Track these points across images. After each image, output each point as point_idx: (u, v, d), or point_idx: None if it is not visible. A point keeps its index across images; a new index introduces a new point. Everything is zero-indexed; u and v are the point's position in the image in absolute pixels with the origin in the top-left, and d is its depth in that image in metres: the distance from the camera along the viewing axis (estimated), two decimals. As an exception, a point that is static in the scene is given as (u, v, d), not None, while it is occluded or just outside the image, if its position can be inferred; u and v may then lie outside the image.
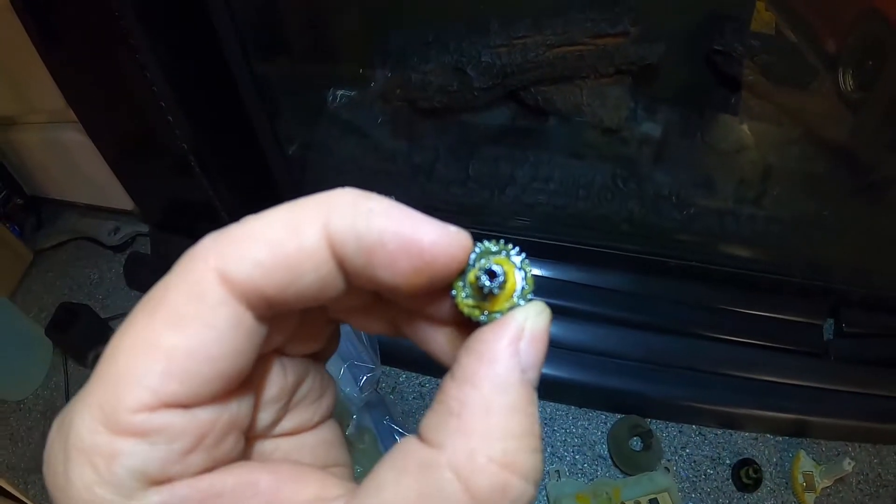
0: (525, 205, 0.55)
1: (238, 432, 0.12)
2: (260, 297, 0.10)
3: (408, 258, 0.10)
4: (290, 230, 0.10)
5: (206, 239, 0.11)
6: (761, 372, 0.55)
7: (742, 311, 0.58)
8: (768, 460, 0.54)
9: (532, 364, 0.11)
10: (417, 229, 0.10)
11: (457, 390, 0.10)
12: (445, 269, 0.11)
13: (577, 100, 0.52)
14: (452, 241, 0.11)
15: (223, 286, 0.10)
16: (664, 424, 0.54)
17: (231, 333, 0.10)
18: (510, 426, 0.10)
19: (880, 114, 0.59)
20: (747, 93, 0.57)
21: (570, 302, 0.54)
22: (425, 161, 0.55)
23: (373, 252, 0.10)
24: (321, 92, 0.59)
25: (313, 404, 0.14)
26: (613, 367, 0.51)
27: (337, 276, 0.11)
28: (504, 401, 0.10)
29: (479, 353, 0.11)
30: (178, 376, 0.10)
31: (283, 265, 0.10)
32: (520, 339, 0.11)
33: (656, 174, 0.56)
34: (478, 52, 0.49)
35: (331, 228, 0.10)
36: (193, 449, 0.10)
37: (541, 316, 0.11)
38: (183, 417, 0.10)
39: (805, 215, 0.61)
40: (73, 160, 0.67)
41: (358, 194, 0.11)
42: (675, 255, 0.55)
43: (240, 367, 0.11)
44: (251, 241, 0.10)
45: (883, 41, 0.54)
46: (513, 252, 0.12)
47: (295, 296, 0.11)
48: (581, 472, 0.51)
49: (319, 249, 0.10)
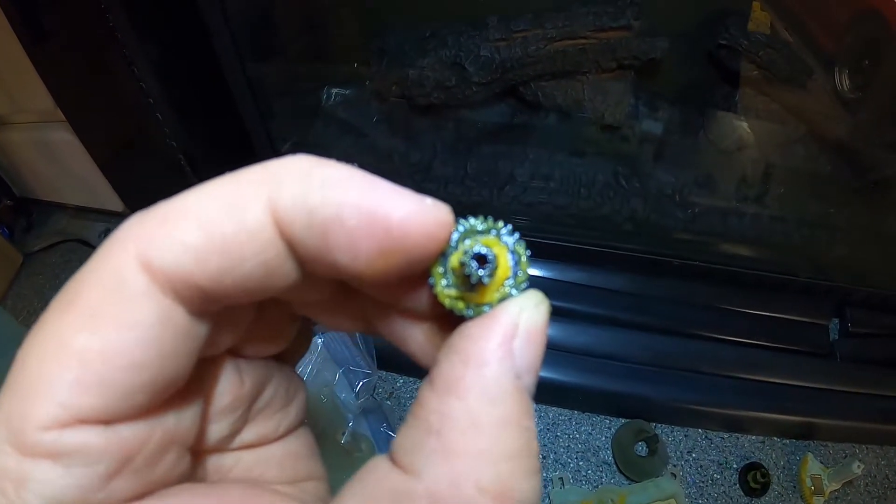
0: (525, 203, 0.54)
1: (179, 449, 0.10)
2: (192, 288, 0.08)
3: (371, 237, 0.08)
4: (228, 206, 0.09)
5: (130, 219, 0.09)
6: (767, 373, 0.54)
7: (747, 312, 0.57)
8: (776, 464, 0.53)
9: (529, 367, 0.09)
10: (384, 201, 0.09)
11: (437, 402, 0.09)
12: (420, 252, 0.09)
13: (577, 95, 0.51)
14: (429, 216, 0.09)
15: (146, 276, 0.08)
16: (669, 429, 0.53)
17: (156, 333, 0.08)
18: (503, 445, 0.08)
19: (878, 113, 0.58)
20: (751, 90, 0.56)
21: (571, 303, 0.53)
22: (422, 159, 0.54)
23: (328, 230, 0.09)
24: (316, 90, 0.58)
25: (278, 412, 0.13)
26: (617, 370, 0.50)
27: (287, 262, 0.09)
28: (495, 414, 0.08)
29: (463, 354, 0.09)
30: (93, 387, 0.08)
31: (218, 249, 0.08)
32: (514, 336, 0.09)
33: (658, 172, 0.55)
34: (476, 47, 0.48)
35: (277, 203, 0.09)
36: (118, 472, 0.09)
37: (539, 308, 0.10)
38: (102, 435, 0.08)
39: (809, 214, 0.60)
40: (63, 161, 0.65)
41: (311, 161, 0.09)
42: (679, 255, 0.54)
43: (171, 375, 0.09)
44: (181, 220, 0.08)
45: (879, 41, 0.54)
46: (503, 231, 0.10)
47: (236, 286, 0.09)
48: (585, 479, 0.49)
49: (263, 229, 0.09)
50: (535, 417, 0.10)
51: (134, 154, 0.59)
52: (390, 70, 0.51)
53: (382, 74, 0.52)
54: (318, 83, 0.58)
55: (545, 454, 0.50)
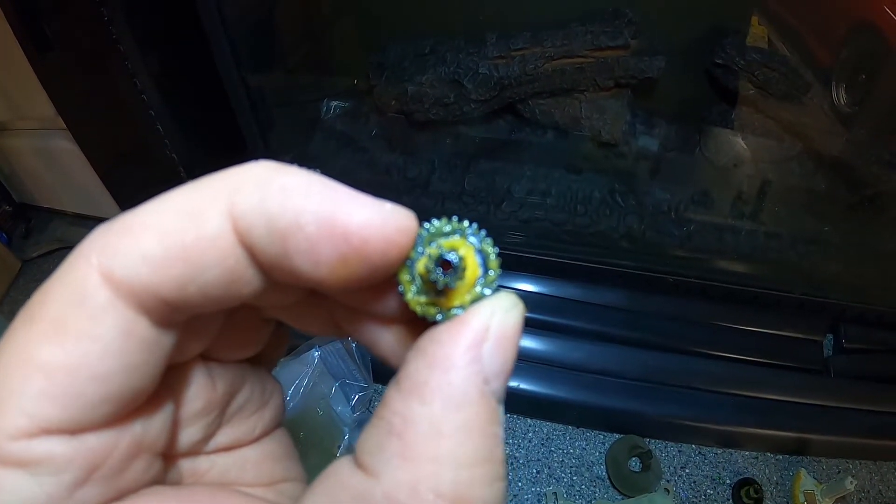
0: (521, 220, 0.54)
1: (148, 456, 0.10)
2: (155, 298, 0.08)
3: (331, 244, 0.08)
4: (187, 216, 0.09)
5: (94, 231, 0.09)
6: (761, 389, 0.54)
7: (741, 328, 0.57)
8: (769, 480, 0.53)
9: (497, 372, 0.09)
10: (342, 207, 0.08)
11: (401, 404, 0.09)
12: (381, 259, 0.09)
13: (575, 113, 0.51)
14: (389, 221, 0.09)
15: (108, 288, 0.08)
16: (663, 444, 0.53)
17: (120, 345, 0.08)
18: (465, 451, 0.08)
19: (874, 128, 0.58)
20: (747, 108, 0.57)
21: (567, 319, 0.53)
22: (420, 174, 0.55)
23: (288, 238, 0.08)
24: (315, 103, 0.59)
25: (253, 416, 0.12)
26: (611, 385, 0.50)
27: (248, 270, 0.09)
28: (458, 419, 0.08)
29: (430, 357, 0.09)
30: (58, 398, 0.08)
31: (178, 259, 0.08)
32: (483, 340, 0.09)
33: (654, 189, 0.56)
34: (475, 64, 0.49)
35: (236, 211, 0.08)
36: (85, 481, 0.09)
37: (512, 311, 0.09)
38: (69, 445, 0.08)
39: (804, 231, 0.60)
40: (63, 168, 0.66)
41: (271, 167, 0.09)
42: (674, 272, 0.54)
43: (137, 385, 0.09)
44: (141, 231, 0.08)
45: (875, 55, 0.54)
46: (469, 230, 0.10)
47: (199, 295, 0.09)
48: (579, 494, 0.50)
49: (222, 237, 0.09)
50: (503, 423, 0.09)
51: (133, 163, 0.60)
52: (389, 85, 0.51)
53: (382, 89, 0.52)
54: (317, 96, 0.59)
55: (539, 469, 0.50)
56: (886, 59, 0.55)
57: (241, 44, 0.49)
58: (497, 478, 0.09)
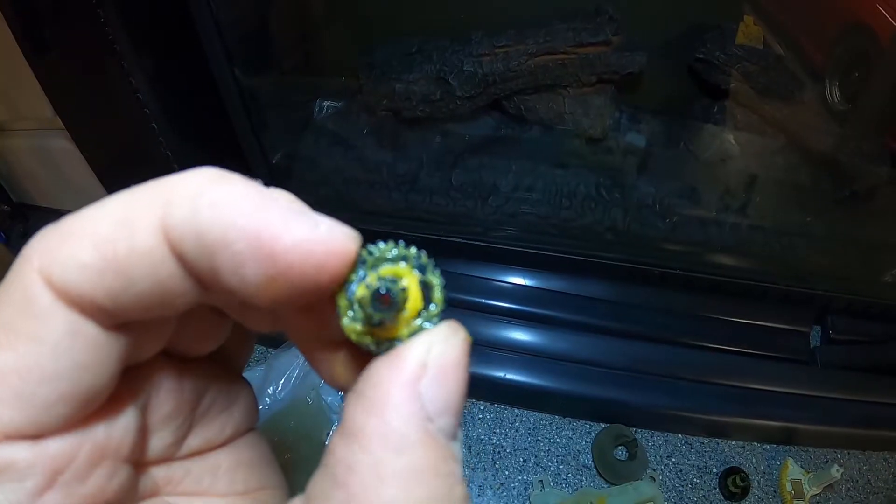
0: (508, 214, 0.55)
1: (113, 462, 0.10)
2: (93, 305, 0.08)
3: (257, 263, 0.08)
4: (121, 225, 0.08)
5: (38, 233, 0.09)
6: (748, 380, 0.55)
7: (728, 319, 0.58)
8: (756, 468, 0.54)
9: (442, 409, 0.08)
10: (271, 225, 0.08)
11: (343, 451, 0.08)
12: (312, 282, 0.08)
13: (559, 109, 0.52)
14: (321, 244, 0.08)
15: (50, 291, 0.08)
16: (649, 433, 0.54)
17: (67, 346, 0.08)
18: (413, 497, 0.08)
19: (866, 125, 0.59)
20: (731, 102, 0.57)
21: (553, 311, 0.54)
22: (409, 171, 0.56)
23: (216, 253, 0.08)
24: (307, 103, 0.60)
25: (222, 414, 0.12)
26: (597, 375, 0.51)
27: (183, 281, 0.09)
28: (401, 464, 0.08)
29: (366, 400, 0.08)
30: (14, 401, 0.08)
31: (112, 269, 0.08)
32: (421, 377, 0.08)
33: (640, 183, 0.56)
34: (460, 62, 0.50)
35: (168, 223, 0.08)
36: (48, 487, 0.09)
37: (451, 341, 0.09)
38: (30, 451, 0.08)
39: (789, 224, 0.61)
40: (61, 168, 0.67)
41: (207, 178, 0.09)
42: (660, 264, 0.55)
43: (91, 384, 0.09)
44: (78, 238, 0.08)
45: (868, 53, 0.55)
46: (415, 259, 0.09)
47: (133, 305, 0.09)
48: (565, 482, 0.50)
49: (155, 249, 0.08)
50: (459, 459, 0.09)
51: (129, 162, 0.61)
52: (379, 84, 0.52)
53: (371, 88, 0.53)
54: (309, 96, 0.60)
55: (526, 458, 0.51)
56: (879, 58, 0.55)
57: (233, 45, 0.50)
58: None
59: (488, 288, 0.53)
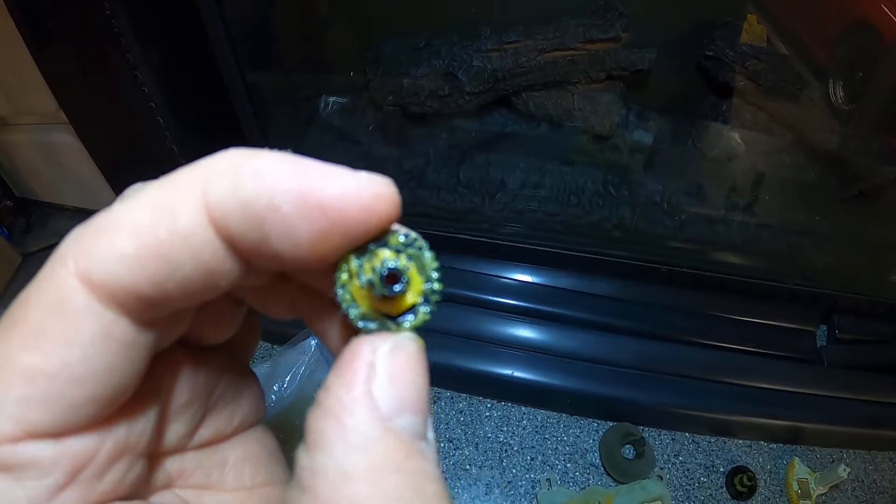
0: (515, 211, 0.55)
1: (131, 457, 0.10)
2: (134, 297, 0.08)
3: (308, 220, 0.08)
4: (160, 211, 0.08)
5: (70, 234, 0.09)
6: (755, 378, 0.55)
7: (735, 318, 0.58)
8: (763, 468, 0.54)
9: (397, 408, 0.08)
10: (315, 182, 0.08)
11: (307, 458, 0.08)
12: (363, 229, 0.09)
13: (568, 105, 0.52)
14: (364, 190, 0.08)
15: (87, 291, 0.08)
16: (657, 432, 0.54)
17: (99, 348, 0.08)
18: (381, 490, 0.08)
19: (870, 124, 0.59)
20: (738, 100, 0.57)
21: (560, 308, 0.54)
22: (416, 166, 0.55)
23: (265, 220, 0.08)
24: (313, 98, 0.59)
25: (230, 405, 0.12)
26: (605, 374, 0.51)
27: (227, 259, 0.09)
28: (365, 462, 0.08)
29: (324, 406, 0.09)
30: (40, 402, 0.08)
31: (154, 255, 0.08)
32: (371, 377, 0.08)
33: (648, 181, 0.56)
34: (469, 57, 0.49)
35: (210, 201, 0.08)
36: (68, 484, 0.09)
37: (402, 344, 0.09)
38: (53, 448, 0.09)
39: (796, 222, 0.61)
40: (64, 163, 0.66)
41: (240, 154, 0.09)
42: (667, 262, 0.55)
43: (119, 385, 0.09)
44: (115, 231, 0.08)
45: (872, 53, 0.55)
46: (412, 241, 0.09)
47: (177, 291, 0.09)
48: (573, 481, 0.50)
49: (198, 229, 0.08)
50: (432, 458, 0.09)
51: (134, 156, 0.60)
52: (385, 79, 0.52)
53: (378, 83, 0.53)
54: (315, 91, 0.59)
55: (533, 456, 0.51)
56: (883, 57, 0.55)
57: (239, 39, 0.49)
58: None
59: (495, 285, 0.53)
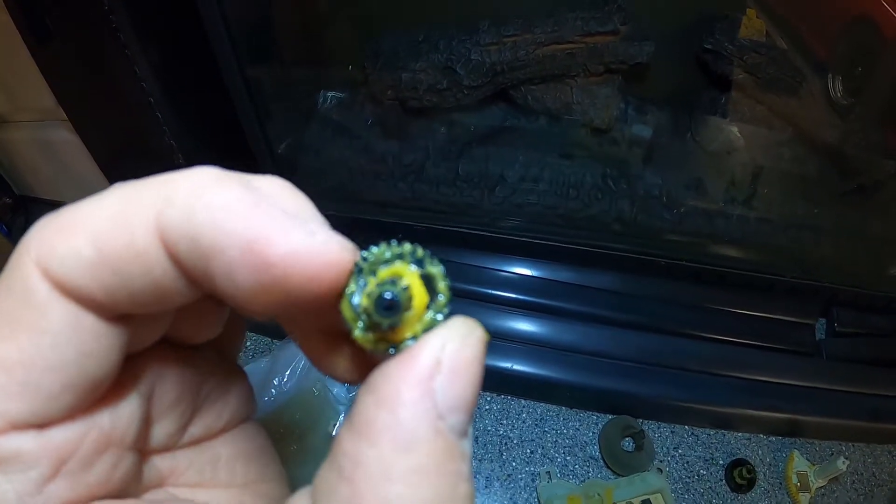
0: (515, 204, 0.55)
1: (118, 451, 0.10)
2: (90, 299, 0.08)
3: (250, 271, 0.08)
4: (118, 222, 0.08)
5: (36, 224, 0.09)
6: (754, 371, 0.55)
7: (734, 311, 0.58)
8: (762, 460, 0.54)
9: (455, 406, 0.08)
10: (265, 233, 0.08)
11: (351, 445, 0.08)
12: (306, 293, 0.08)
13: (566, 99, 0.52)
14: (316, 255, 0.08)
15: (48, 283, 0.08)
16: (656, 425, 0.54)
17: (69, 336, 0.08)
18: (418, 495, 0.08)
19: (869, 119, 0.59)
20: (738, 94, 0.57)
21: (560, 302, 0.54)
22: (415, 161, 0.55)
23: (210, 258, 0.08)
24: (312, 93, 0.59)
25: (218, 402, 0.12)
26: (604, 367, 0.51)
27: (178, 282, 0.09)
28: (409, 463, 0.08)
29: (378, 394, 0.08)
30: (18, 393, 0.08)
31: (107, 265, 0.08)
32: (435, 374, 0.08)
33: (647, 174, 0.56)
34: (467, 51, 0.49)
35: (164, 224, 0.08)
36: (53, 476, 0.09)
37: (468, 339, 0.09)
38: (36, 440, 0.09)
39: (796, 216, 0.61)
40: (63, 159, 0.66)
41: (206, 179, 0.08)
42: (666, 255, 0.55)
43: (94, 372, 0.09)
44: (75, 231, 0.08)
45: (872, 48, 0.55)
46: (409, 253, 0.09)
47: (129, 302, 0.09)
48: (572, 474, 0.50)
49: (150, 248, 0.08)
50: (468, 457, 0.08)
51: (133, 152, 0.60)
52: (384, 73, 0.52)
53: (376, 78, 0.53)
54: (314, 86, 0.59)
55: (533, 449, 0.51)
56: (883, 52, 0.55)
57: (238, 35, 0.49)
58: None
59: (495, 278, 0.53)
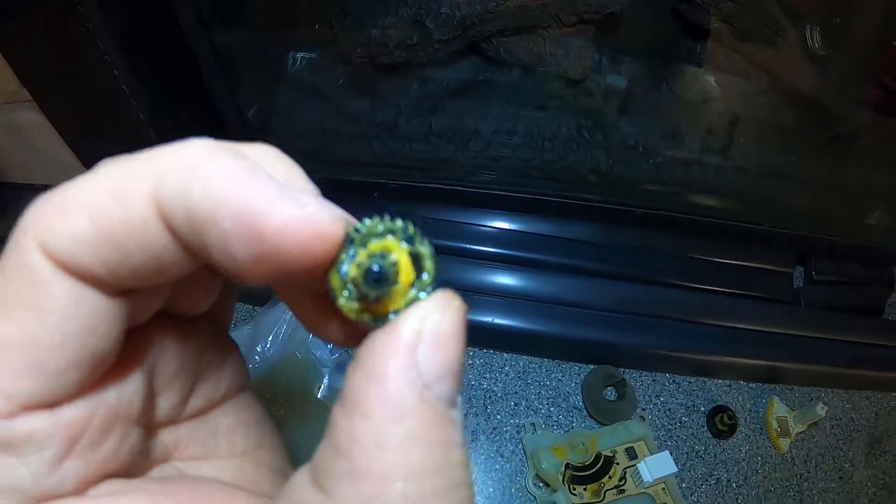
0: (490, 158, 0.54)
1: (125, 425, 0.10)
2: (91, 275, 0.09)
3: (245, 243, 0.08)
4: (115, 198, 0.08)
5: (32, 205, 0.09)
6: (733, 319, 0.55)
7: (712, 260, 0.58)
8: (742, 407, 0.55)
9: (439, 375, 0.09)
10: (259, 205, 0.08)
11: (345, 421, 0.09)
12: (298, 263, 0.09)
13: (539, 50, 0.51)
14: (308, 226, 0.08)
15: (49, 261, 0.08)
16: (638, 374, 0.54)
17: (71, 313, 0.09)
18: (413, 462, 0.08)
19: (847, 70, 0.59)
20: (714, 43, 0.57)
21: (538, 254, 0.54)
22: (388, 118, 0.55)
23: (205, 230, 0.08)
24: (281, 55, 0.58)
25: (216, 373, 0.13)
26: (584, 317, 0.51)
27: (178, 253, 0.09)
28: (400, 431, 0.08)
29: (366, 369, 0.09)
30: (25, 372, 0.08)
31: (107, 241, 0.08)
32: (417, 345, 0.09)
33: (622, 125, 0.56)
34: (437, 4, 0.48)
35: (160, 197, 0.08)
36: (66, 455, 0.09)
37: (447, 310, 0.09)
38: (48, 420, 0.09)
39: (773, 165, 0.61)
40: (32, 141, 0.65)
41: (200, 151, 0.09)
42: (643, 205, 0.55)
43: (99, 347, 0.09)
44: (73, 209, 0.08)
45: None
46: (401, 230, 0.09)
47: (130, 277, 0.09)
48: (557, 424, 0.51)
49: (148, 223, 0.08)
50: (459, 425, 0.09)
51: (102, 128, 0.59)
52: (353, 31, 0.51)
53: (345, 36, 0.52)
54: (283, 48, 0.58)
55: (517, 401, 0.51)
56: (861, 3, 0.55)
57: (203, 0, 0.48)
58: (455, 485, 0.08)
59: (472, 233, 0.53)
